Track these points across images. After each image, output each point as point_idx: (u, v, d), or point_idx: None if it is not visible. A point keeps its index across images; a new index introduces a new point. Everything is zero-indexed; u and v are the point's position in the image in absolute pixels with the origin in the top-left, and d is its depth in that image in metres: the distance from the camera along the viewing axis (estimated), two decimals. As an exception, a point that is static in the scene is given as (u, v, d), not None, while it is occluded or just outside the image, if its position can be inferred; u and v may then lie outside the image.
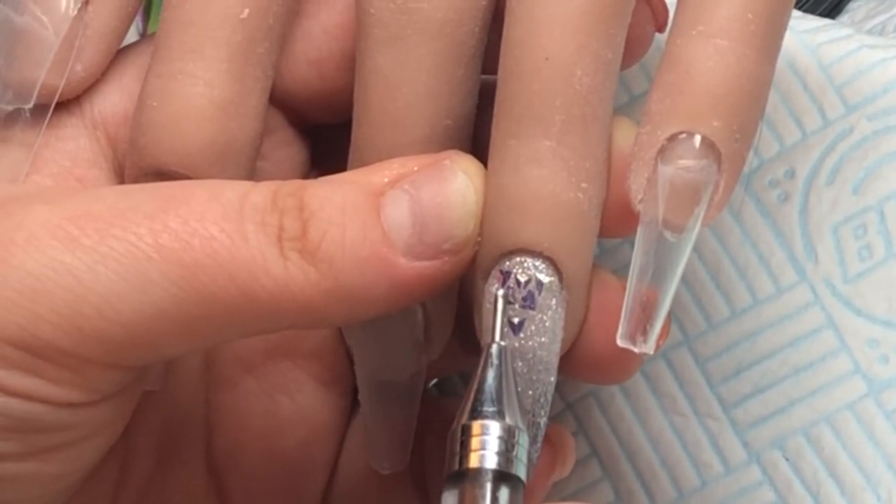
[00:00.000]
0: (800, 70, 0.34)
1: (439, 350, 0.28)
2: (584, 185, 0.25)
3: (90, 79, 0.28)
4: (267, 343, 0.30)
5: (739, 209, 0.34)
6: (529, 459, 0.24)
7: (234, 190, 0.24)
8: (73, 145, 0.28)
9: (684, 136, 0.25)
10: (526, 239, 0.24)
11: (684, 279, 0.34)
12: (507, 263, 0.25)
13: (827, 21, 0.35)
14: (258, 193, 0.24)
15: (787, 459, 0.34)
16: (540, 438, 0.25)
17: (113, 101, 0.28)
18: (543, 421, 0.25)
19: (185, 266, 0.23)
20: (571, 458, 0.31)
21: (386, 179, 0.24)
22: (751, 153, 0.34)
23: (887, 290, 0.34)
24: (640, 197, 0.25)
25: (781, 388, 0.34)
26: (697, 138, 0.24)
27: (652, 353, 0.25)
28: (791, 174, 0.34)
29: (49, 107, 0.28)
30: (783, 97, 0.34)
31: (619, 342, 0.25)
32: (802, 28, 0.34)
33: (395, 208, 0.24)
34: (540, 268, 0.25)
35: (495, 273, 0.25)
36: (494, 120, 0.25)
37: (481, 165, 0.25)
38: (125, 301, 0.23)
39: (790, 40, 0.34)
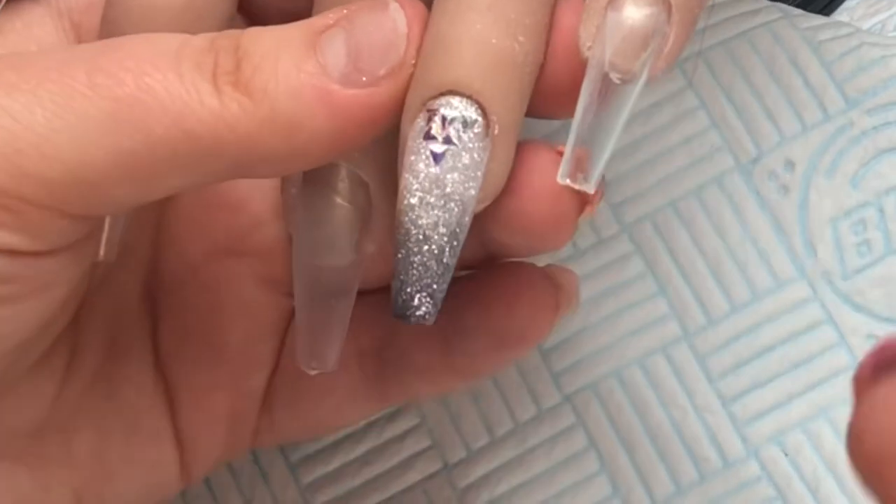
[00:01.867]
0: (801, 66, 0.34)
1: (378, 239, 0.28)
2: (521, 38, 0.25)
3: None
4: (212, 242, 0.30)
5: (740, 203, 0.35)
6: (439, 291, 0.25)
7: (173, 38, 0.24)
8: (40, 31, 0.28)
9: None
10: (454, 78, 0.25)
11: (683, 274, 0.35)
12: (435, 103, 0.25)
13: (828, 19, 0.35)
14: (197, 39, 0.24)
15: (786, 455, 0.34)
16: (447, 279, 0.25)
17: None
18: (452, 262, 0.25)
19: (119, 100, 0.23)
20: (576, 296, 0.30)
21: (328, 22, 0.25)
22: (750, 143, 0.35)
23: (886, 285, 0.34)
24: (588, 45, 0.25)
25: (780, 383, 0.34)
26: None
27: (591, 192, 0.25)
28: (791, 167, 0.34)
29: None
30: (784, 91, 0.34)
31: (559, 180, 0.25)
32: (804, 25, 0.35)
33: (330, 42, 0.24)
34: (467, 108, 0.25)
35: (423, 112, 0.25)
36: None
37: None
38: (63, 136, 0.23)
39: (792, 36, 0.34)
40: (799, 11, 0.35)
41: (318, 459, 0.35)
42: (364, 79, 0.24)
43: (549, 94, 0.26)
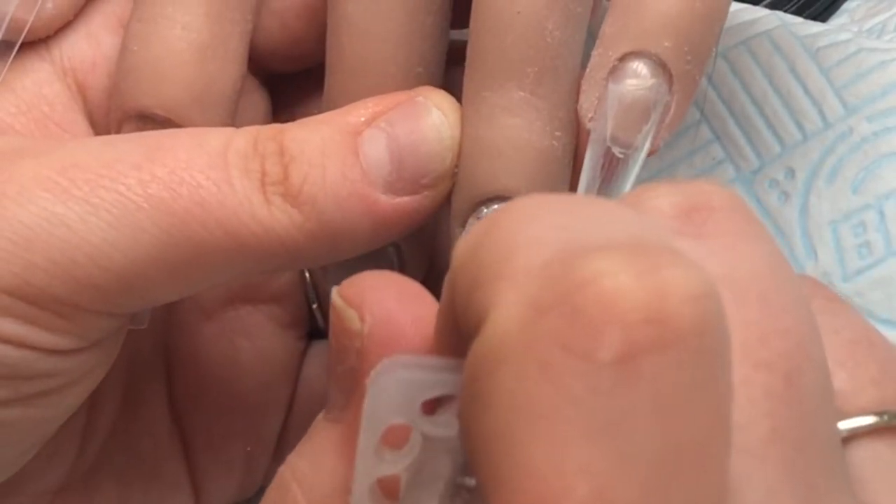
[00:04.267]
0: (800, 73, 0.34)
1: None
2: (557, 133, 0.25)
3: (60, 18, 0.28)
4: (227, 288, 0.31)
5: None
6: None
7: (216, 137, 0.25)
8: (49, 90, 0.28)
9: (634, 55, 0.25)
10: (502, 185, 0.25)
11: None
12: (484, 210, 0.25)
13: (826, 26, 0.36)
14: (240, 139, 0.25)
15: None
16: None
17: (82, 48, 0.29)
18: None
19: (174, 214, 0.23)
20: None
21: (362, 119, 0.25)
22: (752, 155, 0.35)
23: (886, 287, 0.34)
24: (590, 115, 0.25)
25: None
26: (647, 58, 0.25)
27: None
28: (791, 175, 0.35)
29: (15, 43, 0.28)
30: (784, 100, 0.35)
31: None
32: (803, 33, 0.35)
33: (373, 146, 0.24)
34: None
35: (472, 221, 0.25)
36: (467, 73, 0.26)
37: (454, 100, 0.26)
38: (118, 249, 0.23)
39: (790, 44, 0.35)
40: (798, 19, 0.35)
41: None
42: (408, 186, 0.24)
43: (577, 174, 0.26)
